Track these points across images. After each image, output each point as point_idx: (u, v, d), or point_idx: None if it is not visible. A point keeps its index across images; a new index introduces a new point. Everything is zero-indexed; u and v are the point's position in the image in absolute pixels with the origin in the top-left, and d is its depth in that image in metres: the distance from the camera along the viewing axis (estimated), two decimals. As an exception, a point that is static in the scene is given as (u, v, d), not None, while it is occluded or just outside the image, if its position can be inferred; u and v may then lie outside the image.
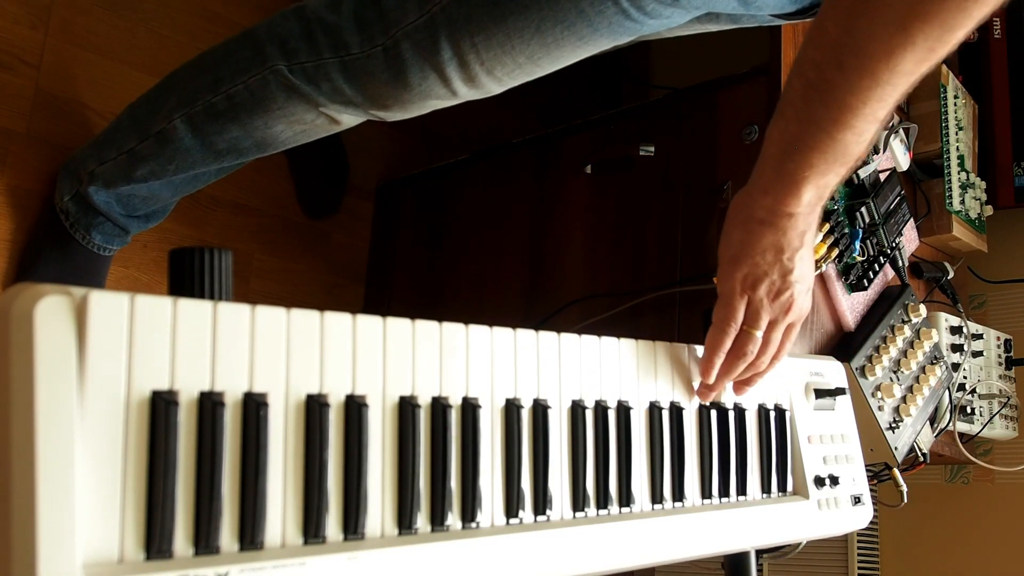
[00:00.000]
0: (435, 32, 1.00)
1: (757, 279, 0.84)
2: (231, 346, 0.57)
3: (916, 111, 1.51)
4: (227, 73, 1.13)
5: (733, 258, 0.85)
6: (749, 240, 0.83)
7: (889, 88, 0.72)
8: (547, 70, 1.06)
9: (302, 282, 1.70)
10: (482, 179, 1.65)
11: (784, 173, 0.80)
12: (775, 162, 0.80)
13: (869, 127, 0.76)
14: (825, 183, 0.80)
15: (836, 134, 0.75)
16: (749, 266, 0.84)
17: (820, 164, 0.78)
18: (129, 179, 1.23)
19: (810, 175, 0.78)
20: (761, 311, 0.85)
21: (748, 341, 0.86)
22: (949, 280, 1.51)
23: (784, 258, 0.83)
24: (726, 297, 0.85)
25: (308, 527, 0.59)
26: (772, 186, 0.81)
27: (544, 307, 1.44)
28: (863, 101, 0.73)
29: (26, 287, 0.50)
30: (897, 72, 0.71)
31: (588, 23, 0.98)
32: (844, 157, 0.78)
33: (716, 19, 1.14)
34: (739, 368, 0.86)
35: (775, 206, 0.81)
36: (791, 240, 0.83)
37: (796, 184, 0.79)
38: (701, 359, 0.87)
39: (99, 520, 0.51)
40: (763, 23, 1.15)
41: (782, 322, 0.86)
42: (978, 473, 1.77)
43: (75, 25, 1.45)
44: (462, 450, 0.68)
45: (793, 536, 0.92)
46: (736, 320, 0.85)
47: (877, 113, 0.75)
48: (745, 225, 0.84)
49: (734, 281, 0.84)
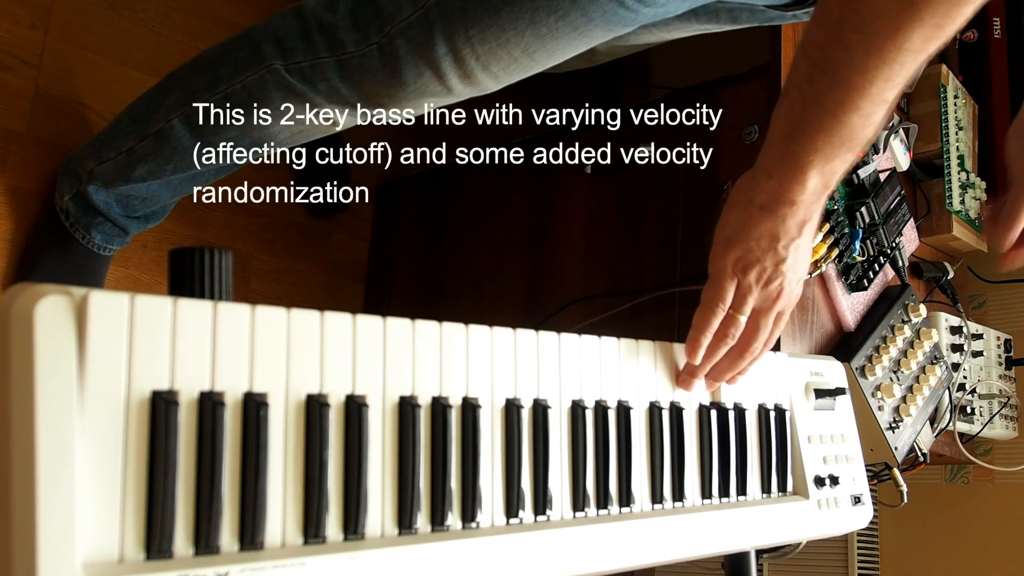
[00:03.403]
0: (429, 27, 1.00)
1: (749, 264, 0.83)
2: (231, 346, 0.57)
3: (916, 111, 1.51)
4: (224, 72, 1.13)
5: (727, 240, 0.84)
6: (746, 224, 0.82)
7: (896, 67, 0.71)
8: (544, 65, 1.05)
9: (302, 282, 1.70)
10: (482, 179, 1.64)
11: (789, 156, 0.78)
12: (780, 145, 0.79)
13: (876, 109, 0.74)
14: (831, 169, 0.79)
15: (842, 116, 0.74)
16: (743, 250, 0.83)
17: (825, 148, 0.76)
18: (128, 179, 1.23)
19: (815, 159, 0.77)
20: (748, 296, 0.84)
21: (731, 324, 0.85)
22: (949, 280, 1.51)
23: (779, 246, 0.82)
24: (716, 277, 0.84)
25: (308, 527, 0.59)
26: (776, 169, 0.80)
27: (544, 307, 1.44)
28: (869, 81, 0.71)
29: (26, 287, 0.50)
30: (904, 50, 0.69)
31: (582, 12, 0.97)
32: (850, 141, 0.76)
33: (716, 18, 1.14)
34: (721, 351, 0.85)
35: (779, 191, 0.80)
36: (789, 229, 0.82)
37: (801, 168, 0.78)
38: (687, 338, 0.86)
39: (99, 520, 0.51)
40: (762, 22, 1.15)
41: (771, 310, 0.85)
42: (978, 473, 1.77)
43: (75, 25, 1.45)
44: (462, 450, 0.68)
45: (793, 536, 0.92)
46: (724, 301, 0.84)
47: (884, 94, 0.73)
48: (745, 209, 0.83)
49: (726, 262, 0.84)
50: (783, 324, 0.88)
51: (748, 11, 1.13)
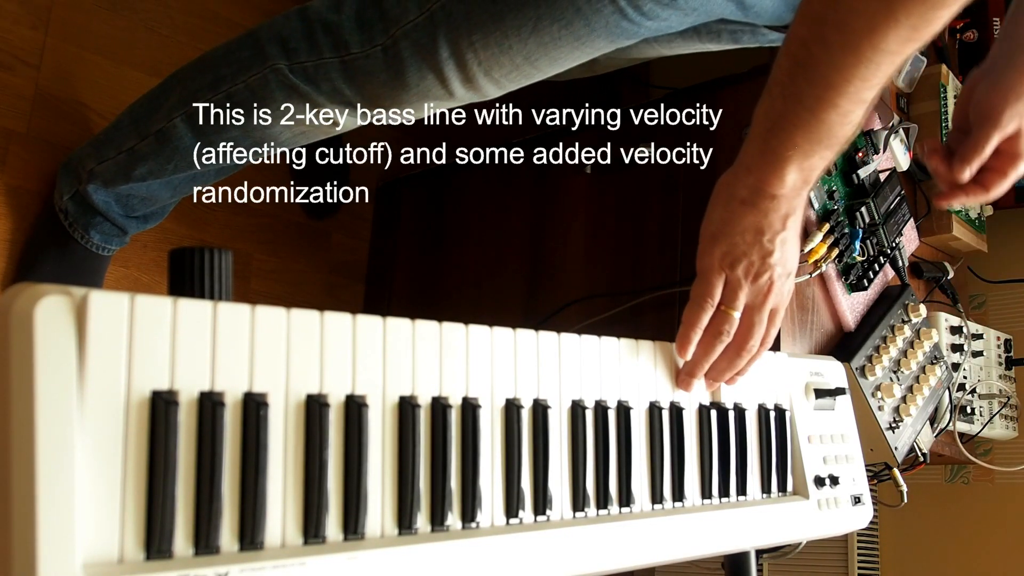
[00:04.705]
0: (434, 31, 1.00)
1: (736, 258, 0.83)
2: (231, 346, 0.57)
3: (916, 111, 1.51)
4: (228, 72, 1.13)
5: (713, 236, 0.84)
6: (730, 219, 0.83)
7: (873, 67, 0.72)
8: (545, 73, 1.06)
9: (302, 282, 1.70)
10: (482, 179, 1.65)
11: (768, 151, 0.79)
12: (760, 140, 0.80)
13: (854, 108, 0.75)
14: (810, 165, 0.79)
15: (820, 113, 0.75)
16: (728, 245, 0.83)
17: (804, 144, 0.77)
18: (128, 178, 1.23)
19: (794, 154, 0.78)
20: (739, 291, 0.84)
21: (725, 320, 0.85)
22: (949, 280, 1.51)
23: (764, 240, 0.83)
24: (704, 273, 0.85)
25: (308, 527, 0.59)
26: (756, 164, 0.80)
27: (544, 307, 1.44)
28: (846, 79, 0.72)
29: (26, 287, 0.50)
30: (880, 50, 0.70)
31: (585, 22, 0.98)
32: (828, 139, 0.77)
33: (717, 38, 1.14)
34: (717, 349, 0.85)
35: (758, 185, 0.81)
36: (772, 222, 0.82)
37: (780, 163, 0.79)
38: (678, 335, 0.86)
39: (99, 520, 0.51)
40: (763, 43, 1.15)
41: (763, 305, 0.85)
42: (978, 473, 1.77)
43: (75, 25, 1.45)
44: (462, 450, 0.68)
45: (793, 536, 0.92)
46: (713, 296, 0.84)
47: (861, 93, 0.74)
48: (727, 204, 0.83)
49: (712, 258, 0.84)
50: (779, 321, 0.88)
51: (749, 32, 1.13)
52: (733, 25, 1.11)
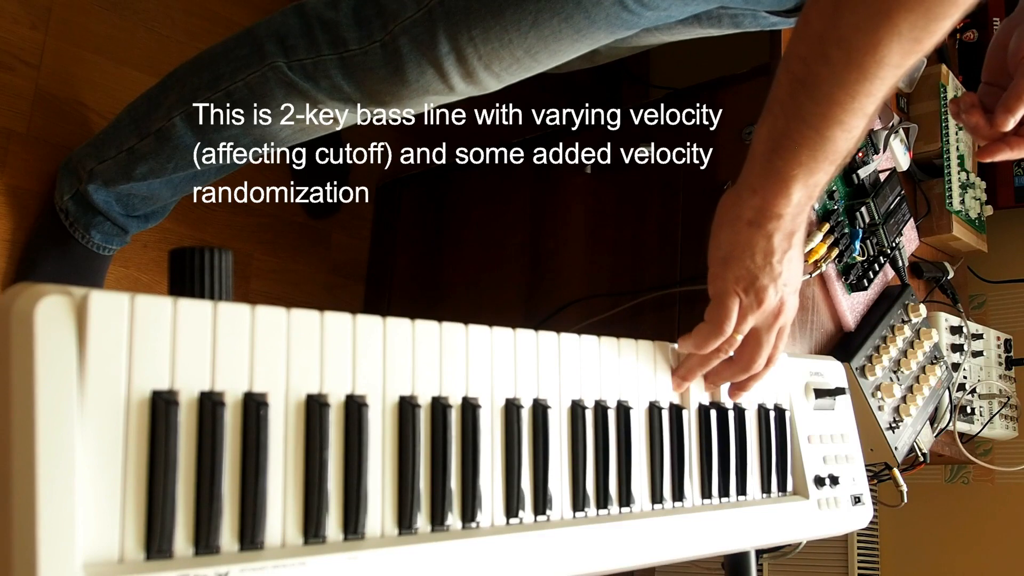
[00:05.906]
0: (432, 26, 1.00)
1: (748, 283, 0.83)
2: (231, 346, 0.57)
3: (916, 111, 1.51)
4: (227, 70, 1.13)
5: (723, 260, 0.83)
6: (738, 242, 0.82)
7: (877, 82, 0.71)
8: (545, 66, 1.06)
9: (302, 282, 1.70)
10: (482, 179, 1.65)
11: (772, 171, 0.78)
12: (763, 160, 0.79)
13: (858, 123, 0.74)
14: (814, 182, 0.79)
15: (824, 130, 0.74)
16: (740, 269, 0.82)
17: (809, 162, 0.76)
18: (128, 177, 1.23)
19: (799, 173, 0.77)
20: (749, 315, 0.83)
21: (730, 345, 0.84)
22: (949, 280, 1.51)
23: (774, 261, 0.82)
24: (719, 297, 0.84)
25: (308, 527, 0.59)
26: (760, 185, 0.80)
27: (544, 307, 1.44)
28: (851, 95, 0.72)
29: (26, 287, 0.50)
30: (884, 64, 0.70)
31: (585, 15, 0.98)
32: (833, 155, 0.76)
33: (718, 23, 1.14)
34: (714, 363, 0.85)
35: (764, 206, 0.80)
36: (780, 243, 0.82)
37: (785, 183, 0.78)
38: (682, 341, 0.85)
39: (99, 520, 0.51)
40: (764, 27, 1.15)
41: (773, 325, 0.85)
42: (978, 473, 1.78)
43: (75, 25, 1.45)
44: (462, 450, 0.68)
45: (793, 536, 0.92)
46: (732, 319, 0.83)
47: (866, 108, 0.73)
48: (733, 226, 0.82)
49: (726, 282, 0.83)
50: (785, 338, 0.88)
51: (751, 16, 1.13)
52: (734, 10, 1.11)
